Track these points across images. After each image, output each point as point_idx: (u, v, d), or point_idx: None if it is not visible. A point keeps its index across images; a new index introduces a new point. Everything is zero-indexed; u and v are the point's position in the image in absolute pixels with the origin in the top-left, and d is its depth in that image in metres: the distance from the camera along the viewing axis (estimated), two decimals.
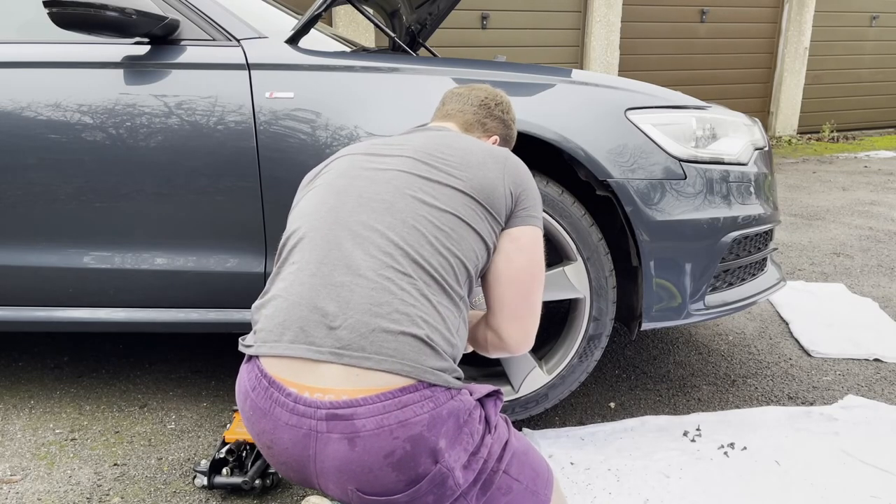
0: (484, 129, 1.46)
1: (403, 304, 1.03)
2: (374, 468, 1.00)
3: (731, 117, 1.90)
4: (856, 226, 4.10)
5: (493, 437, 1.08)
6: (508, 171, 1.25)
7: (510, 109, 1.51)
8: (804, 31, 7.57)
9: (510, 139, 1.53)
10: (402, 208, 1.12)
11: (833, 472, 1.66)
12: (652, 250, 1.71)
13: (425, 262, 1.08)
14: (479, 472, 1.06)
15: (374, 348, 1.01)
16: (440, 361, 1.04)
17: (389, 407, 1.00)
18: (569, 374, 1.79)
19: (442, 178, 1.19)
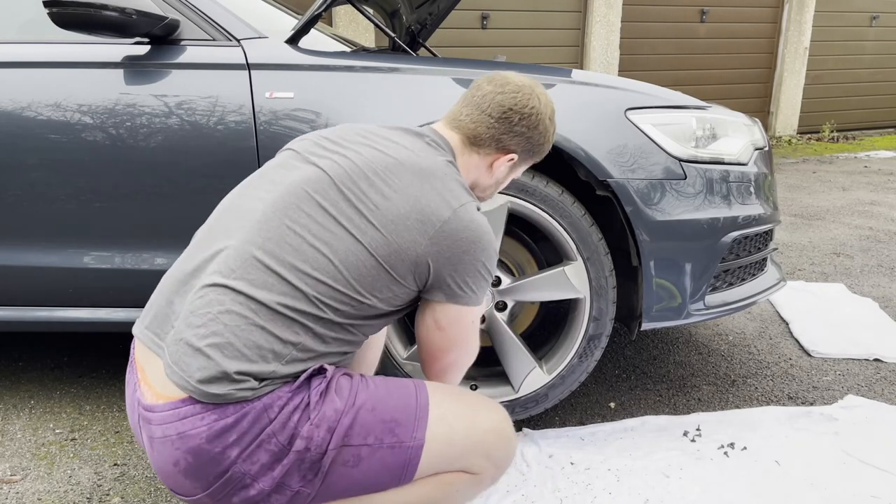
0: (498, 146, 1.28)
1: (215, 321, 1.03)
2: (168, 472, 1.05)
3: (731, 117, 1.90)
4: (856, 226, 4.10)
5: (314, 421, 1.05)
6: (437, 241, 1.11)
7: (541, 122, 1.28)
8: (804, 31, 7.57)
9: (534, 153, 1.33)
10: (273, 227, 1.08)
11: (833, 472, 1.66)
12: (652, 250, 1.71)
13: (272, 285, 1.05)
14: (298, 464, 1.04)
15: (175, 357, 1.03)
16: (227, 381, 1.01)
17: (170, 417, 1.03)
18: (569, 374, 1.79)
19: (344, 215, 1.09)
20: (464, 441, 1.13)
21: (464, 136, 1.28)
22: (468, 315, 1.20)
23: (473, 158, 1.28)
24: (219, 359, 1.01)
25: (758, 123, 2.04)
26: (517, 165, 1.35)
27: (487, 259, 1.17)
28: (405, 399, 1.12)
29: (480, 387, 1.82)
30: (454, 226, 1.12)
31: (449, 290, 1.16)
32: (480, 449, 1.14)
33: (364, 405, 1.09)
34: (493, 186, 1.35)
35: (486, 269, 1.18)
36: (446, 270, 1.13)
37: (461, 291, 1.16)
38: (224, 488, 1.04)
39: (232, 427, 1.02)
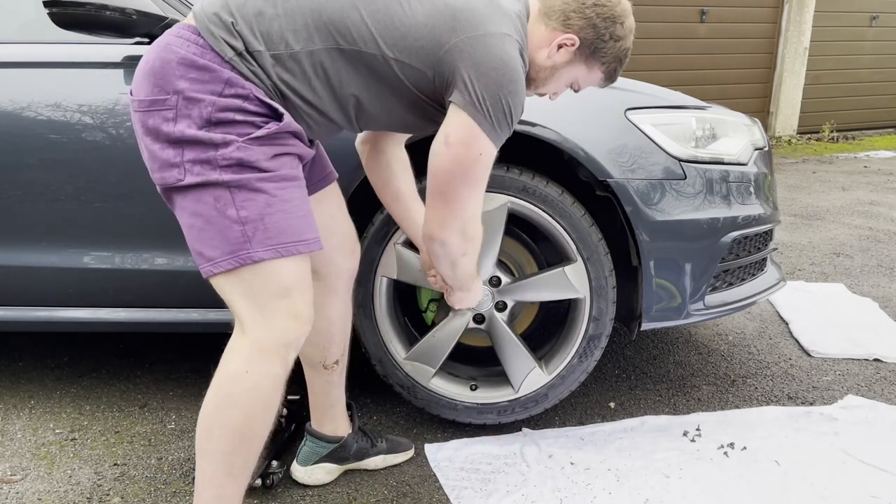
0: (564, 22, 1.28)
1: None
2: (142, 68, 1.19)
3: (731, 117, 1.90)
4: (856, 226, 4.10)
5: (240, 144, 1.13)
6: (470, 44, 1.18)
7: (614, 17, 1.28)
8: (804, 31, 7.56)
9: (599, 54, 1.30)
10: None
11: (833, 472, 1.66)
12: (652, 250, 1.71)
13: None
14: (202, 146, 1.13)
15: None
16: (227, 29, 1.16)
17: (173, 31, 1.19)
18: (569, 374, 1.79)
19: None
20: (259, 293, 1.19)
21: (542, 4, 1.31)
22: (478, 141, 1.20)
23: (540, 29, 1.30)
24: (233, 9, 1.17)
25: (758, 123, 2.04)
26: (577, 60, 1.32)
27: (511, 95, 1.19)
28: (293, 230, 1.19)
29: (480, 387, 1.82)
30: (496, 44, 1.18)
31: (464, 90, 1.18)
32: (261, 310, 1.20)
33: (271, 192, 1.16)
34: (546, 71, 1.33)
35: (507, 104, 1.19)
36: (466, 68, 1.17)
37: (476, 101, 1.18)
38: (152, 105, 1.15)
39: (198, 68, 1.14)
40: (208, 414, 1.23)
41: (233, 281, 1.18)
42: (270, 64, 1.17)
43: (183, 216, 1.19)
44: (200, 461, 1.24)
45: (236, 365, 1.21)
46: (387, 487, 1.64)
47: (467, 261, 1.41)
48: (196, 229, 1.18)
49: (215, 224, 1.15)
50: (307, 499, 1.60)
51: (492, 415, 1.82)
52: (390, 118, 1.30)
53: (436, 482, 1.66)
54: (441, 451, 1.77)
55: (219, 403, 1.22)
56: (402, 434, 1.87)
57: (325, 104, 1.23)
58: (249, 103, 1.15)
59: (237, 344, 1.22)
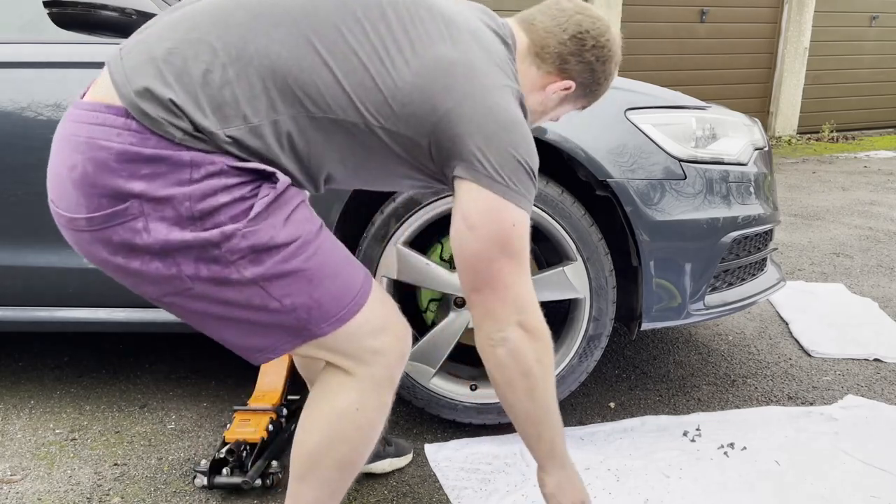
0: (561, 66, 1.17)
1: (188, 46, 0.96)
2: (60, 177, 0.96)
3: (730, 117, 1.90)
4: (856, 226, 4.10)
5: (243, 231, 0.94)
6: (469, 104, 1.01)
7: (610, 59, 1.19)
8: (804, 31, 7.56)
9: (589, 92, 1.23)
10: None
11: (833, 472, 1.66)
12: (652, 250, 1.71)
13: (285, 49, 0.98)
14: (200, 248, 0.94)
15: (131, 63, 0.95)
16: (163, 107, 0.92)
17: (87, 118, 0.94)
18: (569, 374, 1.79)
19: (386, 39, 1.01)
20: (353, 348, 1.06)
21: (532, 42, 1.17)
22: (506, 213, 1.04)
23: (531, 71, 1.18)
24: (170, 78, 0.92)
25: (757, 123, 2.04)
26: (567, 102, 1.24)
27: (528, 155, 1.06)
28: (345, 289, 1.03)
29: (480, 387, 1.82)
30: (497, 99, 1.03)
31: (474, 162, 1.02)
32: (365, 358, 1.08)
33: (306, 267, 0.99)
34: (537, 114, 1.24)
35: (526, 163, 1.05)
36: (471, 136, 1.01)
37: (492, 172, 1.02)
38: (109, 220, 0.93)
39: (147, 161, 0.91)
40: (315, 449, 1.11)
41: (308, 347, 1.05)
42: (226, 143, 0.95)
43: (199, 305, 0.99)
44: (301, 485, 1.14)
45: (347, 403, 1.08)
46: (387, 487, 1.64)
47: (544, 375, 1.17)
48: (231, 322, 1.01)
49: (259, 321, 1.00)
50: None
51: (492, 415, 1.82)
52: (375, 184, 1.17)
53: (436, 482, 1.66)
54: (441, 451, 1.77)
55: (330, 439, 1.10)
56: (401, 434, 1.87)
57: (294, 175, 1.03)
58: (228, 177, 0.94)
59: (343, 383, 1.09)
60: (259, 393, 1.80)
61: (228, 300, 0.98)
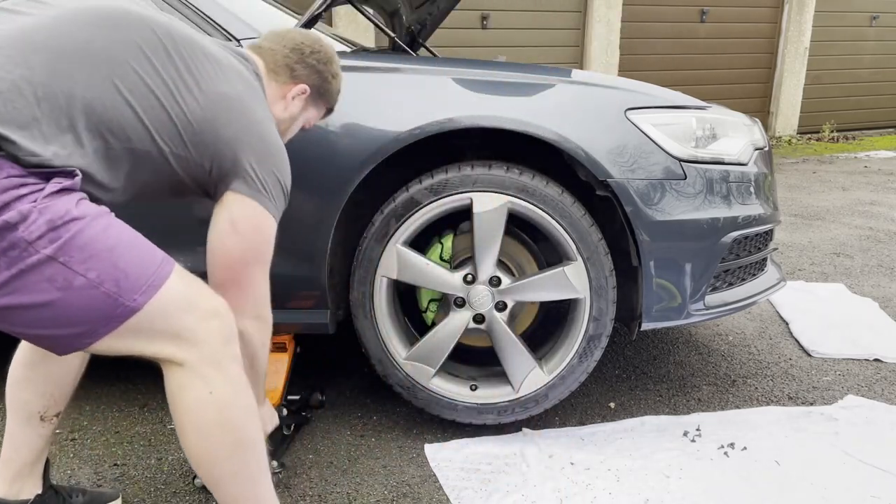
0: (292, 74, 1.39)
1: None
2: None
3: (731, 117, 1.90)
4: (856, 226, 4.10)
5: (39, 206, 0.94)
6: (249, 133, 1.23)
7: (332, 62, 1.44)
8: (804, 31, 7.56)
9: (326, 94, 1.46)
10: None
11: (833, 472, 1.66)
12: (652, 250, 1.71)
13: None
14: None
15: None
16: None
17: None
18: (569, 374, 1.79)
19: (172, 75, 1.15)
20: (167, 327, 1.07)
21: (265, 62, 1.37)
22: (267, 222, 1.24)
23: (272, 86, 1.37)
24: None
25: (758, 123, 2.04)
26: (309, 106, 1.44)
27: (285, 175, 1.27)
28: (147, 260, 1.06)
29: (480, 387, 1.82)
30: (265, 129, 1.24)
31: (249, 178, 1.20)
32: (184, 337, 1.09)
33: (104, 237, 1.01)
34: (286, 123, 1.43)
35: (283, 182, 1.26)
36: (247, 157, 1.20)
37: (262, 187, 1.22)
38: None
39: None
40: (201, 452, 1.13)
41: (125, 336, 1.05)
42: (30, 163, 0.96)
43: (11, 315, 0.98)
44: (218, 490, 1.16)
45: (196, 393, 1.10)
46: (387, 487, 1.64)
47: (265, 356, 1.37)
48: (42, 318, 0.99)
49: (68, 302, 0.98)
50: (307, 499, 1.60)
51: (492, 415, 1.82)
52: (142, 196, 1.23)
53: (436, 482, 1.66)
54: (441, 451, 1.77)
55: (206, 434, 1.11)
56: (401, 434, 1.87)
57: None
58: (28, 177, 0.95)
59: (181, 376, 1.10)
60: None
61: (31, 287, 0.96)
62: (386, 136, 1.66)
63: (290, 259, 1.74)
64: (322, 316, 1.79)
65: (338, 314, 1.87)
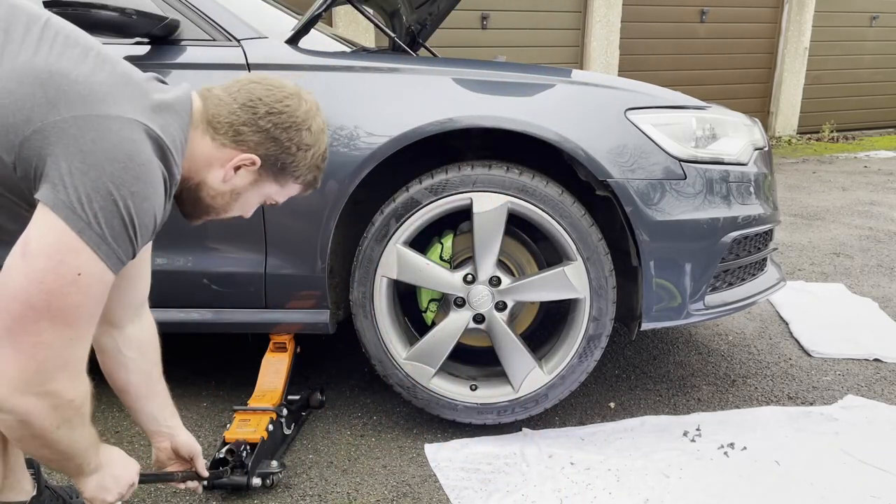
0: (235, 138, 1.04)
1: None
2: None
3: (731, 117, 1.90)
4: (856, 226, 4.10)
5: None
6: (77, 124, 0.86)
7: (295, 127, 1.07)
8: (804, 31, 7.56)
9: (291, 169, 1.10)
10: None
11: (833, 472, 1.66)
12: (652, 250, 1.71)
13: None
14: None
15: None
16: None
17: None
18: (569, 374, 1.79)
19: None
20: None
21: (205, 108, 1.05)
22: (75, 256, 0.85)
23: (205, 142, 1.05)
24: None
25: (758, 123, 2.04)
26: (264, 179, 1.10)
27: (136, 198, 0.88)
28: None
29: (480, 387, 1.82)
30: (111, 127, 0.87)
31: (59, 185, 0.84)
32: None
33: None
34: (225, 196, 1.10)
35: (127, 208, 0.87)
36: (66, 156, 0.84)
37: (76, 200, 0.84)
38: None
39: None
40: None
41: None
42: None
43: None
44: None
45: None
46: (387, 487, 1.64)
47: (68, 435, 0.95)
48: None
49: None
50: (307, 499, 1.60)
51: (492, 415, 1.82)
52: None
53: (436, 482, 1.66)
54: (441, 451, 1.77)
55: None
56: (401, 434, 1.87)
57: None
58: None
59: None
60: (259, 393, 1.80)
61: None
62: (386, 137, 1.66)
63: (291, 259, 1.74)
64: (322, 316, 1.79)
65: (338, 314, 1.87)
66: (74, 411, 0.94)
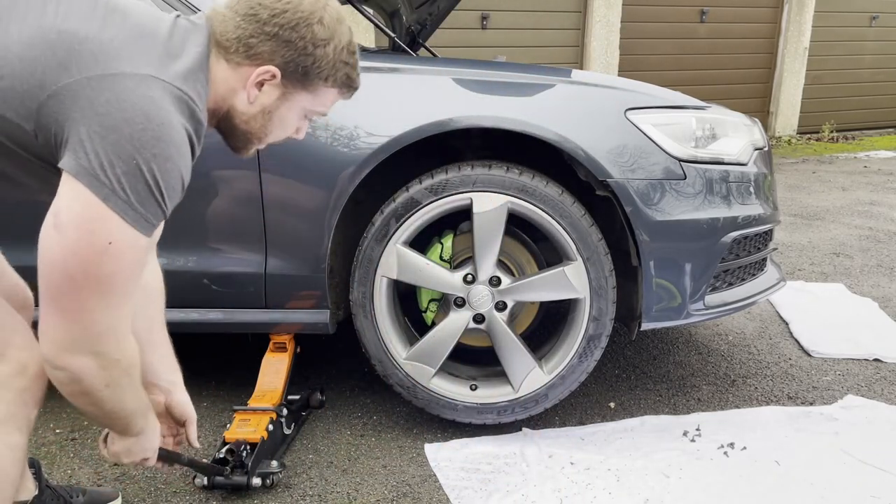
0: (248, 53, 0.99)
1: None
2: None
3: (730, 117, 1.90)
4: (856, 226, 4.10)
5: None
6: (96, 88, 0.83)
7: (304, 22, 1.00)
8: (804, 31, 7.56)
9: (315, 70, 1.03)
10: None
11: (833, 472, 1.66)
12: (652, 250, 1.71)
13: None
14: None
15: None
16: None
17: None
18: (569, 374, 1.79)
19: None
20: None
21: (214, 31, 1.00)
22: (104, 224, 0.85)
23: (221, 67, 1.01)
24: None
25: (757, 123, 2.04)
26: (292, 90, 1.05)
27: (158, 160, 0.86)
28: None
29: (480, 387, 1.82)
30: (125, 85, 0.85)
31: (80, 151, 0.83)
32: None
33: None
34: (257, 118, 1.06)
35: (150, 171, 0.86)
36: (85, 120, 0.83)
37: (98, 166, 0.83)
38: None
39: None
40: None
41: None
42: None
43: None
44: None
45: None
46: (387, 487, 1.64)
47: (116, 395, 1.02)
48: None
49: None
50: (307, 499, 1.60)
51: (492, 415, 1.82)
52: None
53: (436, 482, 1.66)
54: (441, 451, 1.77)
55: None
56: (401, 434, 1.87)
57: None
58: None
59: None
60: (259, 393, 1.80)
61: None
62: (386, 137, 1.66)
63: (291, 259, 1.74)
64: (322, 316, 1.79)
65: (338, 314, 1.87)
66: (122, 371, 0.99)
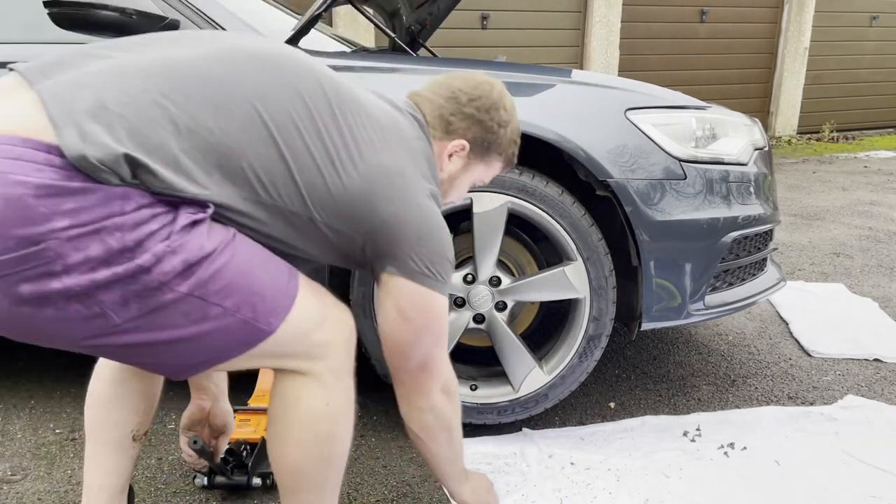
0: (447, 129, 1.24)
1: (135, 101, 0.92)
2: None
3: (731, 117, 1.90)
4: (856, 226, 4.10)
5: (172, 245, 0.89)
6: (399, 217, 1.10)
7: (494, 106, 1.25)
8: (804, 31, 7.57)
9: (492, 146, 1.28)
10: None
11: (833, 472, 1.66)
12: (652, 250, 1.71)
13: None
14: (128, 280, 0.87)
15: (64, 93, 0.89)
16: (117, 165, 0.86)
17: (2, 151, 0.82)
18: (569, 374, 1.79)
19: None
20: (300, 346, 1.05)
21: (426, 110, 1.24)
22: (436, 302, 1.15)
23: None
24: (122, 134, 0.87)
25: (758, 123, 2.04)
26: (473, 162, 1.29)
27: (449, 250, 1.16)
28: (277, 279, 1.02)
29: (480, 387, 1.82)
30: (427, 204, 1.12)
31: (409, 262, 1.10)
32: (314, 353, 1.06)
33: (236, 262, 0.96)
34: (443, 185, 1.27)
35: (448, 258, 1.15)
36: (409, 241, 1.09)
37: (425, 269, 1.12)
38: (20, 263, 0.82)
39: (73, 194, 0.83)
40: (300, 459, 1.10)
41: (255, 357, 1.02)
42: None
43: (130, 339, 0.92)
44: (297, 496, 1.14)
45: (314, 403, 1.07)
46: (387, 487, 1.64)
47: (459, 421, 1.32)
48: (172, 351, 0.96)
49: (203, 333, 0.95)
50: None
51: (492, 415, 1.82)
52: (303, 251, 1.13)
53: (436, 482, 1.66)
54: None
55: (311, 444, 1.09)
56: (401, 434, 1.87)
57: None
58: (158, 206, 0.90)
59: (301, 386, 1.07)
60: (259, 393, 1.80)
61: (164, 323, 0.92)
62: None
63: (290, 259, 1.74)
64: None
65: None
66: (457, 398, 1.31)
